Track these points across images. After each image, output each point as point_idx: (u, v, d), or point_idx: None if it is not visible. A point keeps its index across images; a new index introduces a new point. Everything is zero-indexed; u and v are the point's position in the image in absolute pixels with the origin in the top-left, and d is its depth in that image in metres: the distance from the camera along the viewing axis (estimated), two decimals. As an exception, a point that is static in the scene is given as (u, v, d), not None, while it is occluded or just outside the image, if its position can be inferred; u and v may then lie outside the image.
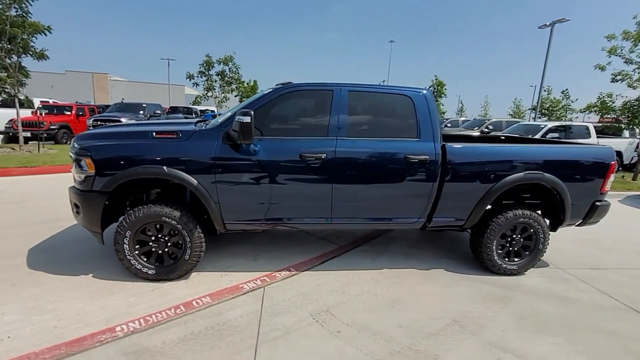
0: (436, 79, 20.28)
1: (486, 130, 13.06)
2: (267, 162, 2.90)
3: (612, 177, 3.44)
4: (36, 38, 9.09)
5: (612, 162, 3.38)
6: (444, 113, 25.89)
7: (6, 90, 9.26)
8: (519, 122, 14.61)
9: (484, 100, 64.61)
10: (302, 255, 3.64)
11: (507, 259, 3.44)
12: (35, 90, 14.33)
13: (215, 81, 15.26)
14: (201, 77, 15.18)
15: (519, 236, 3.40)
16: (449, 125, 16.38)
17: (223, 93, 15.72)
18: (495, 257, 3.37)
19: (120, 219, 2.87)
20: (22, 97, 10.58)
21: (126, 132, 3.18)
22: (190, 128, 3.05)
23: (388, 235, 4.39)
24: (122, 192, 2.97)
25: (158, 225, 2.88)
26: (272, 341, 2.27)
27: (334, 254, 3.75)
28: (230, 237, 3.86)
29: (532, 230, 3.36)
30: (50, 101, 15.50)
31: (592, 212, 3.45)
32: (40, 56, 9.42)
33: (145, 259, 2.93)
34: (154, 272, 2.92)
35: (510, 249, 3.43)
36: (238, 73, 15.77)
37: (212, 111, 23.48)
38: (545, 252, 3.48)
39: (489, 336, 2.44)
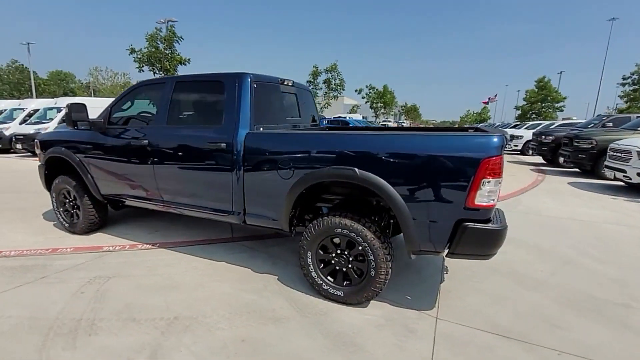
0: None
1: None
2: (110, 146, 3.47)
3: (493, 183, 2.09)
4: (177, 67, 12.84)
5: (486, 158, 2.06)
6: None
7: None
8: None
9: None
10: (187, 236, 3.97)
11: (331, 280, 2.65)
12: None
13: (321, 88, 16.62)
14: (309, 85, 16.85)
15: (345, 253, 2.57)
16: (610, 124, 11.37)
17: (325, 100, 16.91)
18: (313, 274, 2.67)
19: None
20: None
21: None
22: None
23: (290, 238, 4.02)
24: None
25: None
26: (42, 280, 2.86)
27: (210, 241, 3.86)
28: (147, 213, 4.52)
29: (360, 247, 2.47)
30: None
31: (460, 237, 2.20)
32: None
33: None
34: (68, 225, 4.01)
35: (337, 267, 2.63)
36: (342, 80, 16.61)
37: (344, 117, 25.46)
38: (382, 281, 2.46)
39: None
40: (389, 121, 44.32)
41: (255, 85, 2.93)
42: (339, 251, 2.59)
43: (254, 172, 2.78)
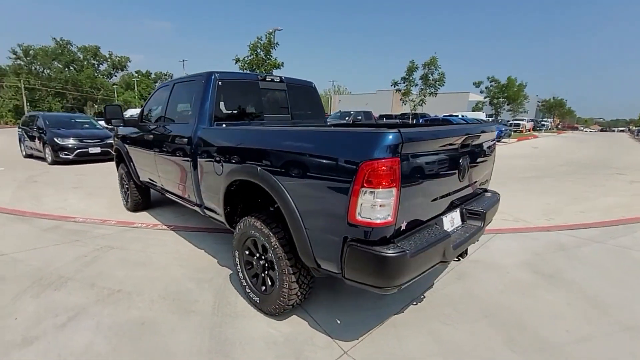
0: None
1: None
2: (138, 139, 4.16)
3: (381, 194, 1.58)
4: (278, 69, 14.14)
5: (367, 161, 1.57)
6: None
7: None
8: None
9: None
10: (200, 223, 4.41)
11: (252, 283, 2.51)
12: (354, 107, 21.14)
13: (416, 85, 15.31)
14: (403, 82, 15.75)
15: (263, 258, 2.40)
16: None
17: (419, 96, 15.44)
18: (240, 274, 2.59)
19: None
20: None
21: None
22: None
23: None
24: None
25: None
26: (73, 242, 3.68)
27: (207, 230, 4.17)
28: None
29: (270, 254, 2.27)
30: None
31: (345, 258, 1.76)
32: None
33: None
34: (125, 203, 5.01)
35: (257, 272, 2.47)
36: (442, 74, 14.87)
37: (462, 116, 23.08)
38: (286, 295, 2.16)
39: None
40: (522, 120, 36.47)
41: (220, 83, 3.01)
42: (257, 255, 2.44)
43: (201, 167, 2.88)
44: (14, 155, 11.25)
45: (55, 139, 9.22)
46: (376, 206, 1.62)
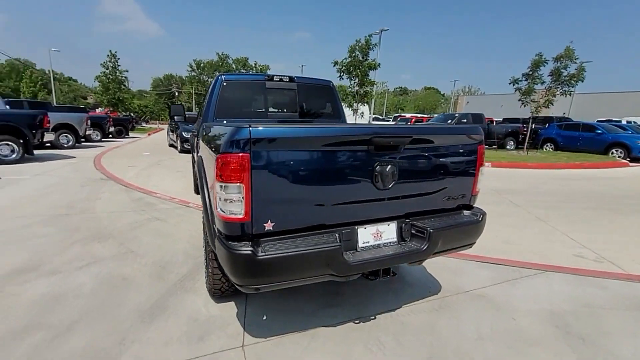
0: None
1: None
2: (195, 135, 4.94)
3: (224, 188, 1.56)
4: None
5: (220, 154, 1.58)
6: None
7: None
8: None
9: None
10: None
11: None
12: (485, 108, 19.90)
13: (543, 82, 12.30)
14: (525, 79, 12.93)
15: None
16: None
17: (546, 96, 12.30)
18: (204, 255, 2.87)
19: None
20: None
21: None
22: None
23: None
24: None
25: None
26: (138, 211, 4.72)
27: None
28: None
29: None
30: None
31: (217, 250, 1.79)
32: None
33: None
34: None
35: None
36: (582, 68, 11.52)
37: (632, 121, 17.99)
38: (214, 278, 2.29)
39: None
40: None
41: (225, 84, 3.37)
42: (210, 239, 2.66)
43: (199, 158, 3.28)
44: (162, 145, 14.76)
45: (182, 133, 11.66)
46: (227, 200, 1.61)
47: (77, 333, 2.15)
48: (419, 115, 33.33)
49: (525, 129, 14.13)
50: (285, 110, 3.71)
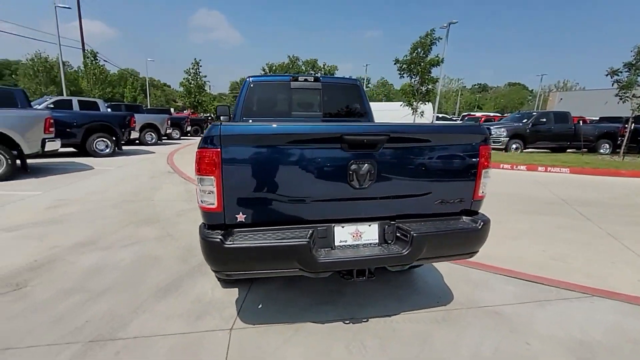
0: None
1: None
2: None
3: (202, 181, 1.71)
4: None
5: (197, 150, 1.72)
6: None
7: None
8: None
9: None
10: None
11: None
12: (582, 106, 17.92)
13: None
14: (628, 69, 10.63)
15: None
16: None
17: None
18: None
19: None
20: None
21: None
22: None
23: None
24: None
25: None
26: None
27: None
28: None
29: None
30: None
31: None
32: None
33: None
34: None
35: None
36: None
37: None
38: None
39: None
40: None
41: (252, 85, 3.59)
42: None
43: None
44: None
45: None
46: (204, 192, 1.75)
47: (104, 299, 2.54)
48: (491, 114, 30.43)
49: (626, 129, 11.87)
50: (308, 110, 3.79)
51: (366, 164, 1.82)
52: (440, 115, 24.77)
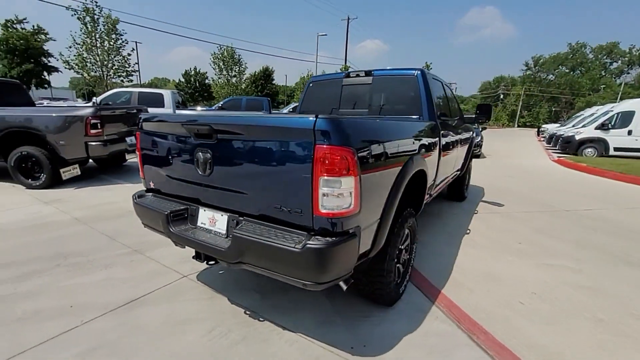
0: None
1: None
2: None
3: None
4: None
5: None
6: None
7: None
8: None
9: None
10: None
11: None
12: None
13: None
14: None
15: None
16: None
17: None
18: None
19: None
20: None
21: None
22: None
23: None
24: None
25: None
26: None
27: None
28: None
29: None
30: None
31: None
32: None
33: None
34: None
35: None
36: None
37: None
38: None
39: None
40: None
41: (311, 84, 3.87)
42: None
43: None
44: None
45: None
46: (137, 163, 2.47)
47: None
48: None
49: None
50: (356, 106, 3.52)
51: (202, 152, 1.91)
52: None
